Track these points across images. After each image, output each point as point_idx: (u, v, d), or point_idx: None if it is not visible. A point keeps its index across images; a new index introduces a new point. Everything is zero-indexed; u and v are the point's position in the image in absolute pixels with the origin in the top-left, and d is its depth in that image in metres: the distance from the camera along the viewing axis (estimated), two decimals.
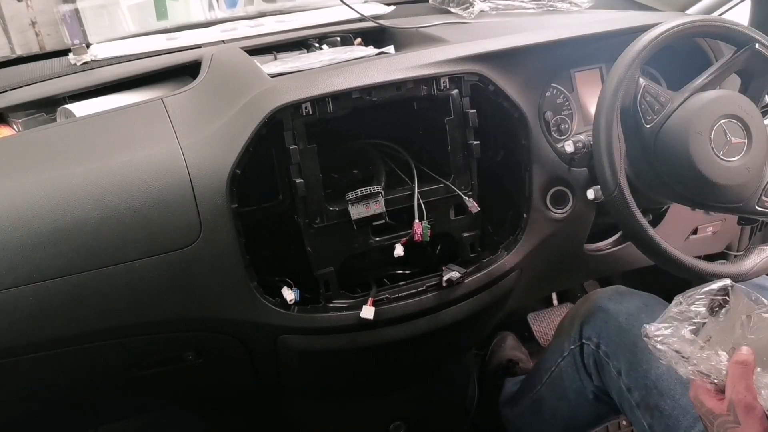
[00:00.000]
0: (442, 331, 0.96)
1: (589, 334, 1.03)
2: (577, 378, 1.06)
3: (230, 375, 1.00)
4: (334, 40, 1.18)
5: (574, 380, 1.07)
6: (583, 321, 1.05)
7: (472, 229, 0.95)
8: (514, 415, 1.28)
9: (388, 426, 1.24)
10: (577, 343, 1.05)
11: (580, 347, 1.05)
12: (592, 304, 1.06)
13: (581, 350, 1.05)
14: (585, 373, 1.05)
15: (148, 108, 0.92)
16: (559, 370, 1.10)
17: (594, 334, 1.02)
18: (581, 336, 1.04)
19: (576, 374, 1.06)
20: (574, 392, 1.08)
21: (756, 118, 0.92)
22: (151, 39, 1.22)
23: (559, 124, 1.05)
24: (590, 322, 1.03)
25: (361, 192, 0.85)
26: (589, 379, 1.04)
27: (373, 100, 0.86)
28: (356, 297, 0.91)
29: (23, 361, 0.82)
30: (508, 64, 0.95)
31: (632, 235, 0.92)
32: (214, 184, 0.81)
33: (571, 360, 1.07)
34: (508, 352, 1.52)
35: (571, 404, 1.10)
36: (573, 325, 1.07)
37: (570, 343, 1.07)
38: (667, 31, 0.91)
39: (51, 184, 0.79)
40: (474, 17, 1.23)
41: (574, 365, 1.06)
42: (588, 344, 1.03)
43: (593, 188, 1.00)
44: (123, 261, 0.79)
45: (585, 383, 1.05)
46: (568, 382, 1.08)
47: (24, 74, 1.12)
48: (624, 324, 0.98)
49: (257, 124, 0.81)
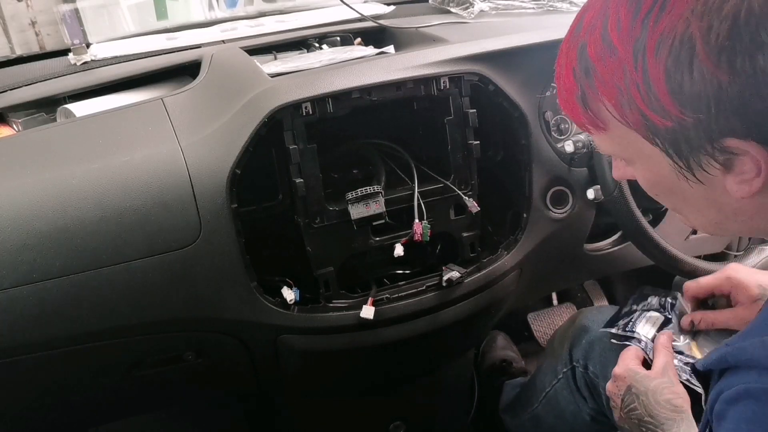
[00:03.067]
0: (442, 331, 0.96)
1: (577, 357, 1.03)
2: (573, 400, 1.06)
3: (230, 375, 1.00)
4: (334, 40, 1.18)
5: (570, 402, 1.07)
6: (571, 343, 1.05)
7: (472, 229, 0.95)
8: (514, 425, 1.28)
9: (388, 426, 1.24)
10: (568, 366, 1.05)
11: (572, 370, 1.05)
12: (577, 326, 1.06)
13: (573, 373, 1.05)
14: (579, 395, 1.05)
15: (148, 108, 0.92)
16: (555, 391, 1.10)
17: (582, 357, 1.02)
18: (571, 359, 1.05)
19: (571, 396, 1.06)
20: (571, 414, 1.08)
21: None
22: (151, 39, 1.22)
23: (559, 123, 1.05)
24: (577, 344, 1.03)
25: (361, 192, 0.85)
26: (584, 402, 1.04)
27: (373, 100, 0.86)
28: (356, 297, 0.91)
29: (23, 361, 0.82)
30: (508, 64, 0.95)
31: (632, 235, 0.92)
32: (214, 184, 0.81)
33: (565, 383, 1.07)
34: (500, 352, 1.52)
35: (569, 423, 1.09)
36: (563, 346, 1.07)
37: (562, 366, 1.07)
38: None
39: (51, 184, 0.79)
40: (474, 17, 1.23)
41: (568, 388, 1.06)
42: (578, 367, 1.03)
43: (593, 188, 1.00)
44: (123, 261, 0.79)
45: (581, 405, 1.05)
46: (564, 403, 1.08)
47: (24, 74, 1.12)
48: (608, 344, 0.98)
49: (257, 124, 0.81)
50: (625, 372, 0.81)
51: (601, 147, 0.59)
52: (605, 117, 0.54)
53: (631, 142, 0.54)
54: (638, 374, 0.80)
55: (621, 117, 0.52)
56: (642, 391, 0.78)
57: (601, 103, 0.53)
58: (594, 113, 0.54)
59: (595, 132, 0.57)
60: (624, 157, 0.59)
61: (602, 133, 0.56)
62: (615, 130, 0.54)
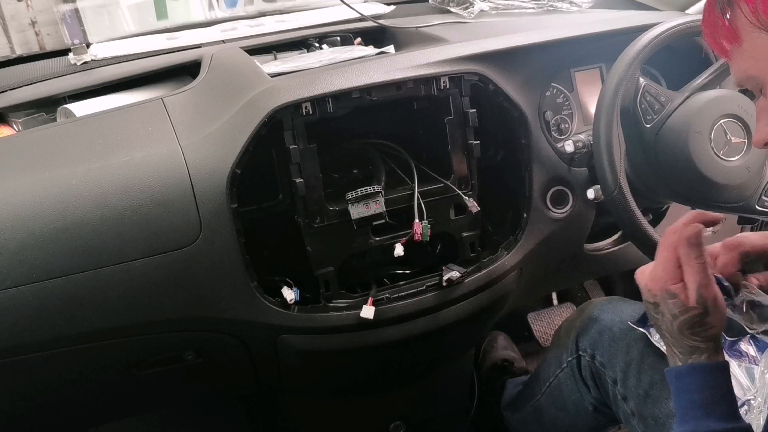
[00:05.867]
0: (442, 331, 0.96)
1: (584, 346, 1.03)
2: (576, 390, 1.06)
3: (230, 375, 1.00)
4: (334, 40, 1.18)
5: (573, 392, 1.07)
6: (578, 333, 1.05)
7: (472, 229, 0.95)
8: (515, 420, 1.29)
9: (388, 426, 1.24)
10: (573, 356, 1.06)
11: (577, 359, 1.05)
12: (586, 316, 1.06)
13: (578, 362, 1.05)
14: (583, 384, 1.05)
15: (148, 108, 0.92)
16: (558, 381, 1.10)
17: (589, 346, 1.02)
18: (578, 348, 1.05)
19: (575, 386, 1.07)
20: (574, 404, 1.08)
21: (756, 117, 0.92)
22: (151, 39, 1.22)
23: (559, 123, 1.05)
24: (585, 333, 1.04)
25: (361, 192, 0.85)
26: (588, 391, 1.04)
27: (373, 99, 0.86)
28: (356, 297, 0.91)
29: (23, 361, 0.82)
30: (508, 63, 0.95)
31: (632, 235, 0.92)
32: (214, 183, 0.81)
33: (570, 372, 1.07)
34: (501, 352, 1.52)
35: (571, 414, 1.10)
36: (569, 336, 1.07)
37: (567, 355, 1.07)
38: (667, 30, 0.91)
39: (51, 184, 0.79)
40: (474, 17, 1.23)
41: (572, 377, 1.07)
42: (584, 356, 1.03)
43: (593, 188, 1.00)
44: (123, 261, 0.79)
45: (584, 395, 1.05)
46: (567, 393, 1.09)
47: (24, 74, 1.12)
48: (617, 333, 0.98)
49: (257, 123, 0.81)
50: (659, 292, 0.70)
51: (735, 68, 0.61)
52: (741, 24, 0.57)
53: (764, 51, 0.56)
54: (668, 293, 0.68)
55: (756, 18, 0.55)
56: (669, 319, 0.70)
57: (738, 9, 0.56)
58: (731, 21, 0.57)
59: (730, 46, 0.59)
60: (756, 72, 0.59)
61: (737, 47, 0.58)
62: (750, 41, 0.57)
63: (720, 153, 0.90)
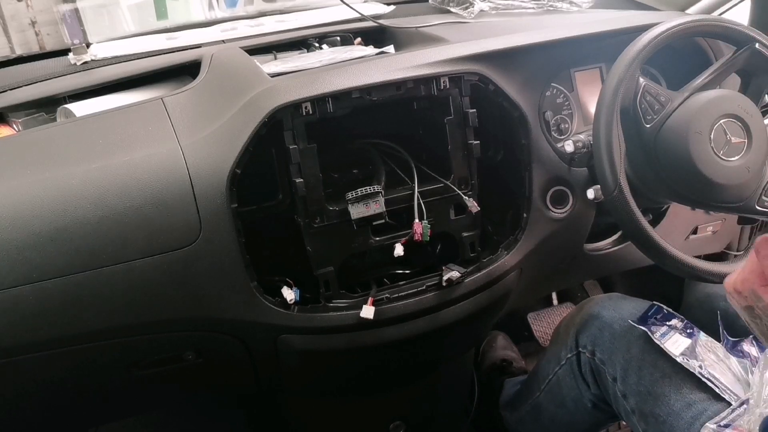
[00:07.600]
0: (442, 331, 0.96)
1: (584, 343, 1.03)
2: (575, 386, 1.06)
3: (230, 375, 1.00)
4: (334, 40, 1.18)
5: (572, 388, 1.07)
6: (578, 329, 1.05)
7: (472, 229, 0.95)
8: (514, 419, 1.29)
9: (388, 426, 1.24)
10: (573, 352, 1.06)
11: (577, 356, 1.05)
12: (586, 312, 1.06)
13: (578, 359, 1.05)
14: (582, 381, 1.05)
15: (148, 108, 0.92)
16: (557, 378, 1.10)
17: (589, 342, 1.02)
18: (577, 345, 1.05)
19: (574, 382, 1.07)
20: (573, 400, 1.08)
21: (756, 117, 0.92)
22: (151, 39, 1.22)
23: (559, 123, 1.05)
24: (585, 330, 1.04)
25: (361, 192, 0.85)
26: (587, 388, 1.04)
27: (373, 99, 0.86)
28: (356, 297, 0.91)
29: (23, 361, 0.82)
30: (507, 63, 0.95)
31: (632, 235, 0.92)
32: (214, 183, 0.81)
33: (569, 369, 1.07)
34: (500, 352, 1.52)
35: (570, 411, 1.10)
36: (568, 333, 1.07)
37: (567, 351, 1.07)
38: (667, 30, 0.91)
39: (51, 184, 0.79)
40: (474, 17, 1.23)
41: (571, 374, 1.07)
42: (584, 353, 1.03)
43: (593, 188, 1.00)
44: (123, 261, 0.79)
45: (583, 391, 1.06)
46: (566, 390, 1.09)
47: (24, 74, 1.12)
48: (618, 330, 0.98)
49: (257, 123, 0.81)
50: (748, 293, 0.68)
51: None
52: None
53: None
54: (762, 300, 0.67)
55: None
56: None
57: None
58: None
59: None
60: None
61: None
62: None
63: (720, 153, 0.90)
